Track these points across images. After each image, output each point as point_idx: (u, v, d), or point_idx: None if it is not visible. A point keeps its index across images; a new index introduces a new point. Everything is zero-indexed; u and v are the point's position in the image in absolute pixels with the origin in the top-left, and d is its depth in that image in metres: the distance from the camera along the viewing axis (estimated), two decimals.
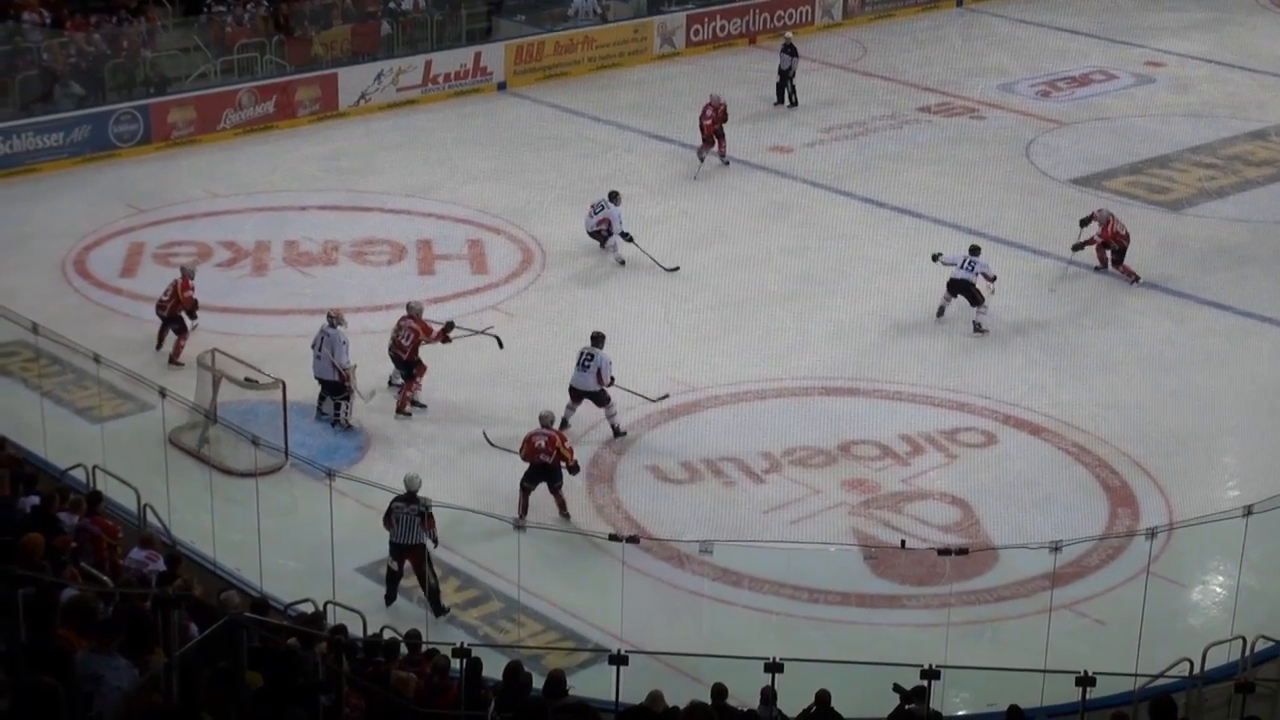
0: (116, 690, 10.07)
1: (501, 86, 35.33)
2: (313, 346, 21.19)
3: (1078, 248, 25.69)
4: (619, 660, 12.79)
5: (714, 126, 30.69)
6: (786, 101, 34.50)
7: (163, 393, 19.04)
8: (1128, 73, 37.29)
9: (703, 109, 30.82)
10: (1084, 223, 25.85)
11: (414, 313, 21.81)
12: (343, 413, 21.00)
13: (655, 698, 12.75)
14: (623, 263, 26.00)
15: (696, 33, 38.53)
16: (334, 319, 21.21)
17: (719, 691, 13.32)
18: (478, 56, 35.35)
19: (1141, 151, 31.95)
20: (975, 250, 24.53)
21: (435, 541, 17.29)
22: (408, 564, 17.31)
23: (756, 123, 33.43)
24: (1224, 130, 33.35)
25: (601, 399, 20.87)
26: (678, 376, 22.43)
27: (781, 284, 25.77)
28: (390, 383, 21.96)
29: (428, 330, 21.64)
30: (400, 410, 21.47)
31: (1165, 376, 23.00)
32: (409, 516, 17.23)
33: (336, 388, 21.00)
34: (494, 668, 13.88)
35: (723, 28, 38.99)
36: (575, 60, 36.58)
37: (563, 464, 18.97)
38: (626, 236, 26.06)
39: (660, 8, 38.89)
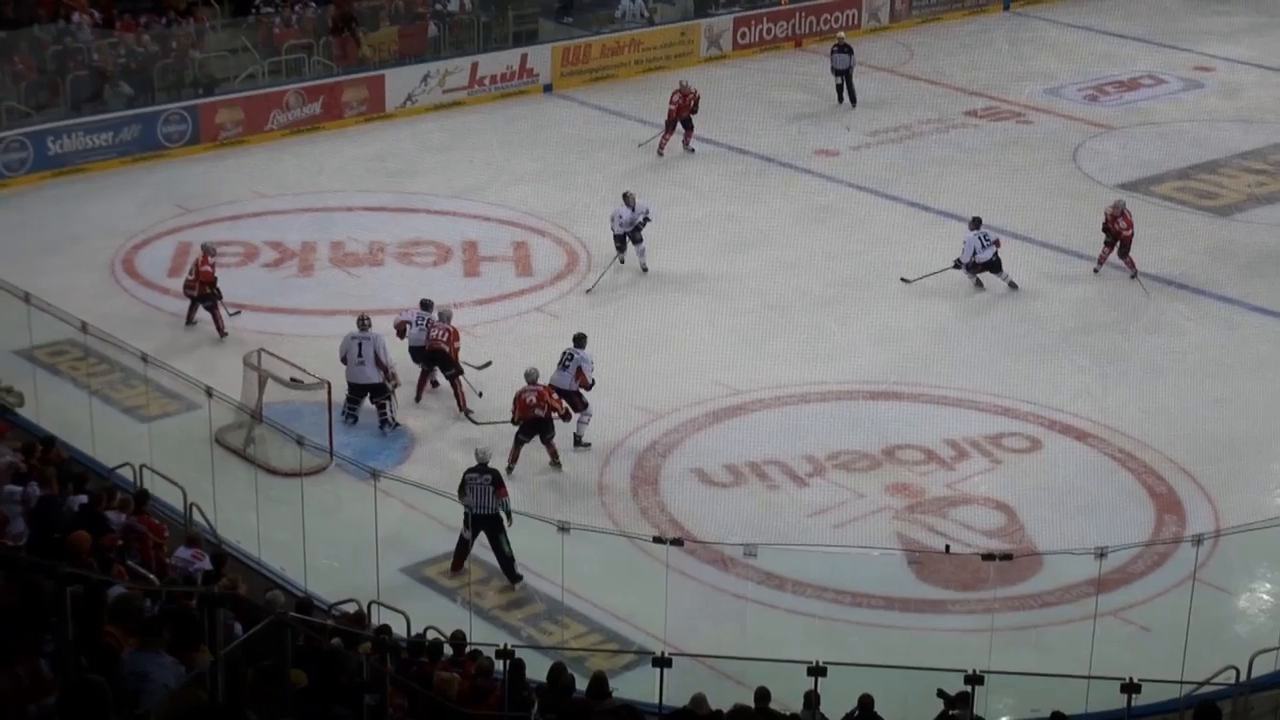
0: (163, 688, 10.12)
1: (548, 89, 35.38)
2: (345, 358, 21.08)
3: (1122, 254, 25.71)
4: (663, 662, 12.80)
5: (678, 113, 31.13)
6: (848, 101, 34.67)
7: (209, 392, 19.14)
8: (1176, 77, 37.10)
9: (671, 93, 31.43)
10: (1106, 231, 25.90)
11: (444, 317, 21.91)
12: (389, 413, 21.06)
13: (698, 700, 12.75)
14: (645, 269, 25.87)
15: (743, 36, 38.51)
16: (365, 322, 21.22)
17: (762, 695, 13.31)
18: (524, 58, 35.41)
19: (1190, 156, 31.79)
20: (978, 223, 25.36)
21: (508, 512, 17.83)
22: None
23: (802, 126, 33.41)
24: (1273, 135, 33.12)
25: (579, 403, 20.77)
26: (722, 380, 22.42)
27: (826, 287, 25.72)
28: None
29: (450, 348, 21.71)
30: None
31: (1212, 382, 22.87)
32: (482, 486, 17.75)
33: (379, 389, 21.04)
34: (537, 669, 13.91)
35: (769, 31, 38.95)
36: (621, 63, 36.61)
37: (554, 414, 19.96)
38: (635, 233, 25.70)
39: (707, 11, 38.89)
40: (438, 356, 21.72)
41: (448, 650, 14.34)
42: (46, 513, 14.48)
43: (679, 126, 31.41)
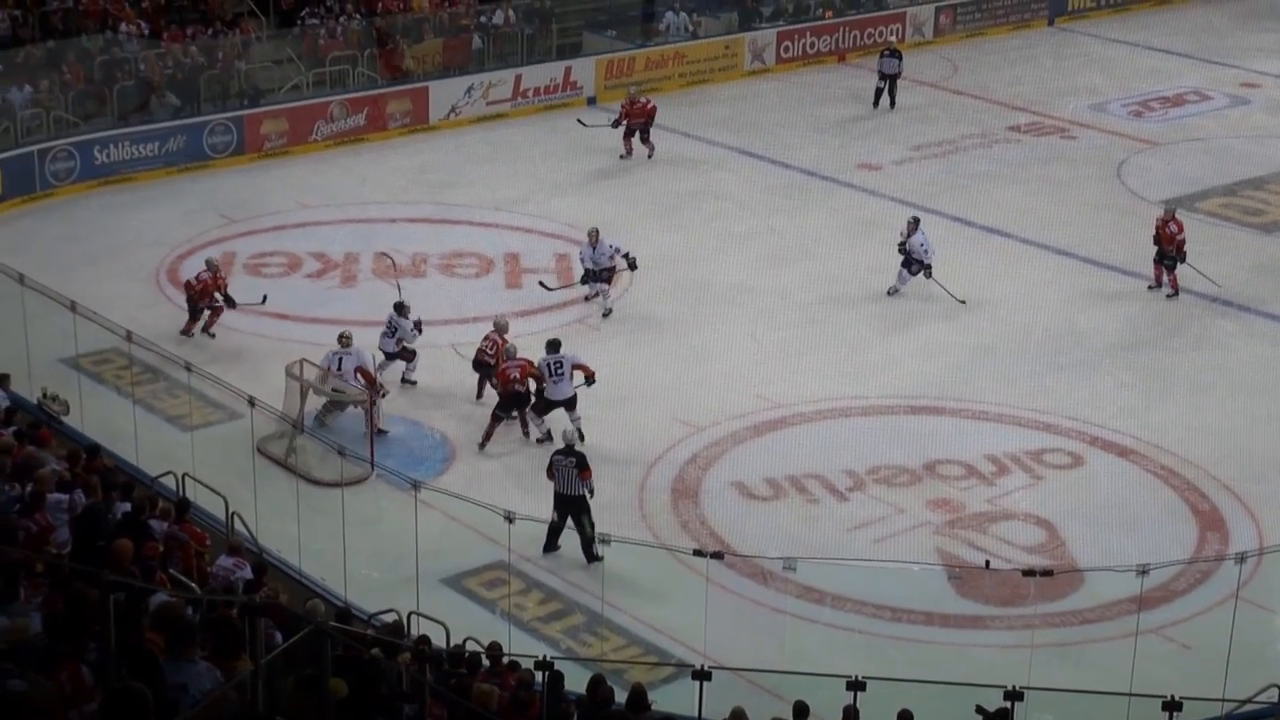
0: (199, 694, 10.18)
1: (591, 101, 35.44)
2: (325, 368, 21.22)
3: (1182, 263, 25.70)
4: (702, 676, 12.79)
5: (626, 116, 31.60)
6: (886, 105, 34.97)
7: (252, 402, 19.22)
8: (1222, 94, 36.94)
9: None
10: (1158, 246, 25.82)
11: (499, 329, 22.01)
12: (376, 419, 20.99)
13: (738, 714, 12.74)
14: (606, 314, 25.03)
15: (787, 49, 38.51)
16: (345, 338, 21.33)
17: (801, 709, 13.29)
18: (568, 71, 35.49)
19: (1236, 173, 31.64)
20: (918, 222, 25.70)
21: (592, 492, 18.49)
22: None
23: (845, 140, 33.39)
24: None
25: (573, 402, 21.02)
26: (764, 393, 22.41)
27: (868, 302, 25.69)
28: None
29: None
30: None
31: (1257, 400, 22.74)
32: (566, 468, 18.30)
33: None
34: (576, 681, 13.91)
35: (813, 45, 38.95)
36: (665, 76, 36.65)
37: (533, 386, 20.87)
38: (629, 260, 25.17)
39: (751, 24, 38.92)
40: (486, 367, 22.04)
41: (486, 662, 14.36)
42: (91, 520, 14.56)
43: (637, 133, 31.74)
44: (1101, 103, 36.04)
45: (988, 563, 18.09)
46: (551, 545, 18.48)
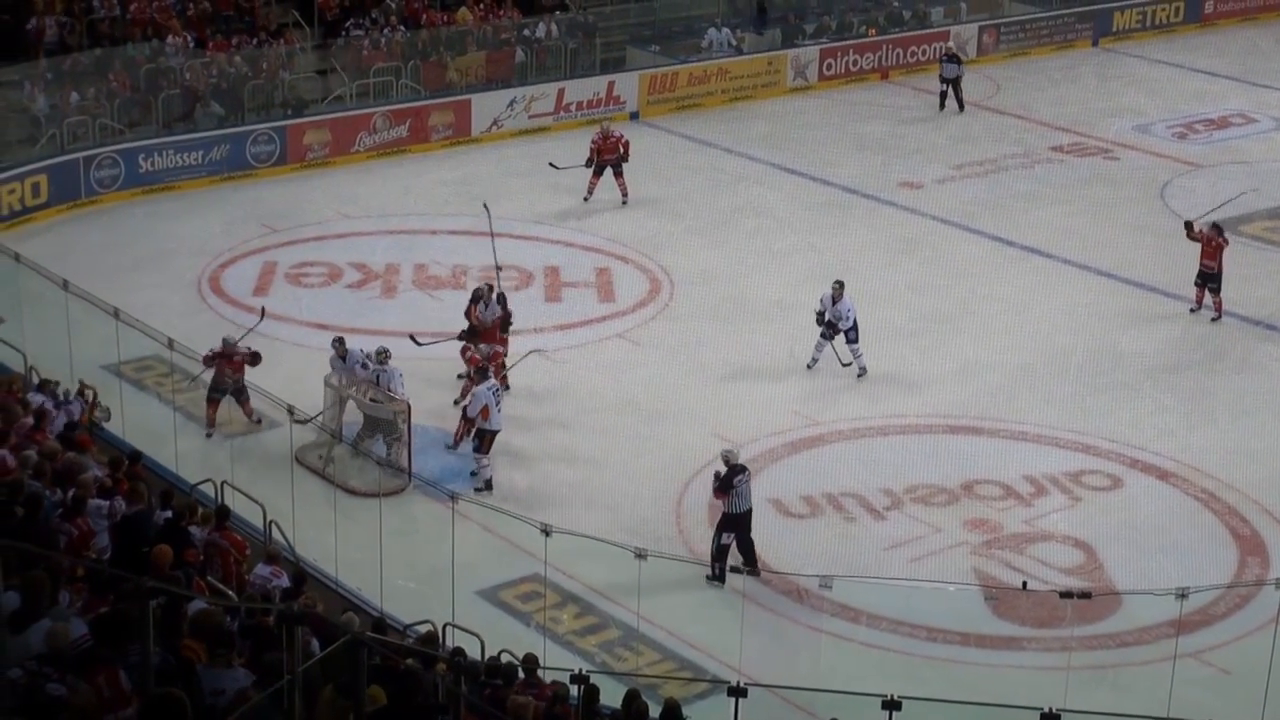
0: (235, 696, 10.22)
1: (634, 116, 35.48)
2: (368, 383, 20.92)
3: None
4: (738, 692, 12.74)
5: (598, 154, 30.09)
6: (954, 108, 35.80)
7: (290, 411, 19.28)
8: (1268, 116, 36.77)
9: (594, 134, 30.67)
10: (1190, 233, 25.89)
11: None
12: (393, 453, 20.38)
13: None
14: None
15: (829, 66, 38.49)
16: (382, 356, 21.11)
17: None
18: (611, 85, 35.54)
19: None
20: (843, 286, 23.62)
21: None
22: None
23: (887, 157, 33.35)
24: None
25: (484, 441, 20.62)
26: (801, 410, 22.38)
27: (907, 320, 25.63)
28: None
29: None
30: None
31: None
32: (745, 484, 18.43)
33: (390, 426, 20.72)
34: (611, 696, 13.89)
35: (855, 62, 38.91)
36: (708, 91, 36.66)
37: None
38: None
39: (794, 41, 38.92)
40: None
41: (520, 674, 14.36)
42: (134, 527, 14.62)
43: (607, 171, 30.10)
44: (1145, 124, 35.92)
45: (1025, 584, 18.01)
46: (755, 563, 18.24)
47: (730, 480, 18.33)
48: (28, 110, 30.20)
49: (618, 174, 30.30)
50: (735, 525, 18.36)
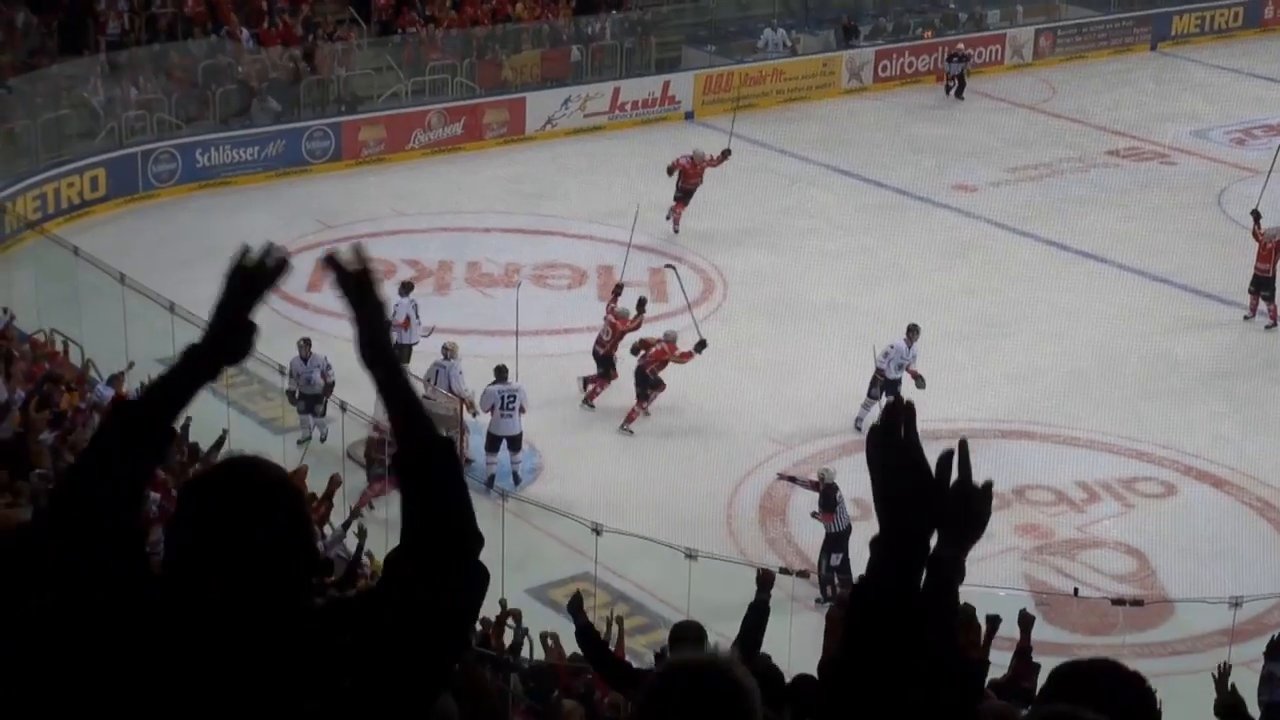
0: None
1: (689, 116, 35.48)
2: (426, 380, 20.85)
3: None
4: (791, 694, 12.72)
5: (687, 181, 28.73)
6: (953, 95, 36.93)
7: (343, 407, 19.37)
8: None
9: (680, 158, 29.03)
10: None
11: (620, 314, 22.14)
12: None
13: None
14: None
15: (884, 68, 38.41)
16: (448, 352, 21.27)
17: None
18: (666, 85, 35.55)
19: None
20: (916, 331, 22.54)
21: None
22: None
23: (941, 160, 33.26)
24: None
25: (518, 441, 20.69)
26: (852, 413, 22.32)
27: (960, 324, 25.53)
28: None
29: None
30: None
31: None
32: (843, 503, 18.45)
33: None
34: None
35: (910, 64, 38.82)
36: (763, 92, 36.63)
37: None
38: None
39: (850, 42, 38.84)
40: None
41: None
42: None
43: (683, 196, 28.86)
44: (1203, 129, 35.70)
45: (1076, 590, 17.94)
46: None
47: (832, 498, 18.32)
48: (87, 105, 30.40)
49: (684, 201, 28.99)
50: (842, 544, 18.33)
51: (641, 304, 23.08)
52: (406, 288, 22.80)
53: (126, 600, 3.06)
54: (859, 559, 18.07)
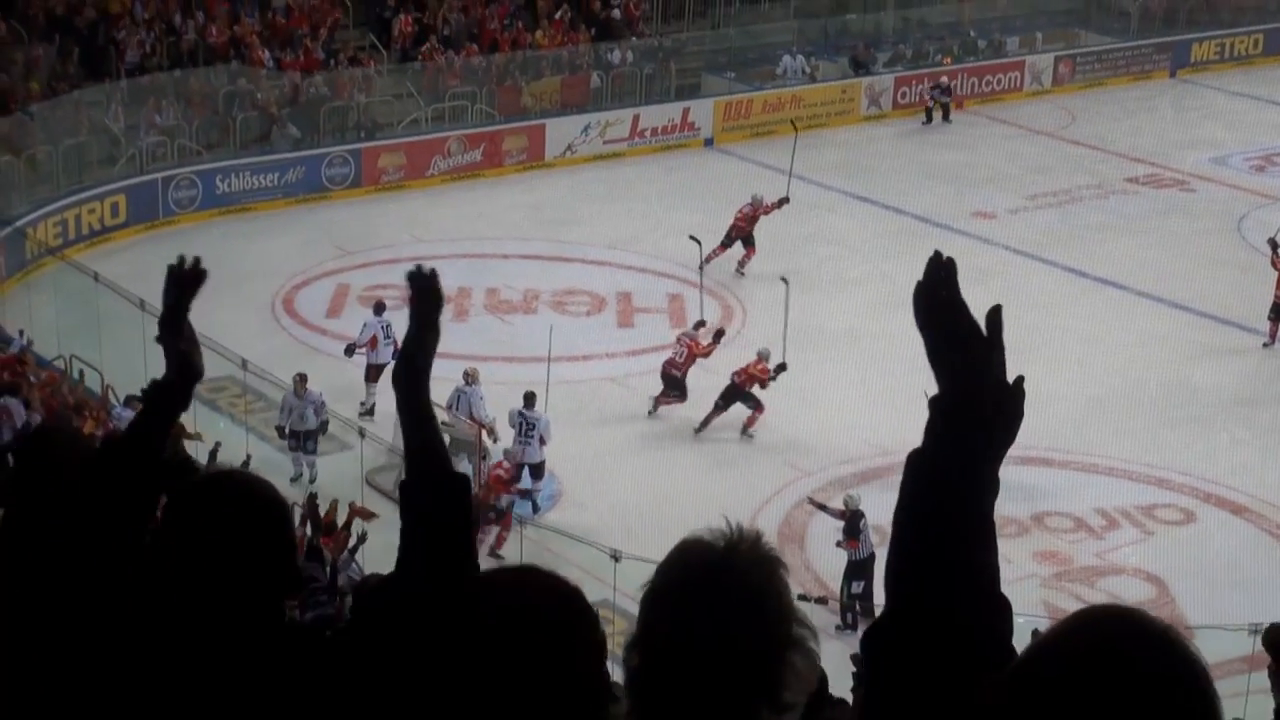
0: None
1: (709, 142, 35.53)
2: (448, 406, 20.74)
3: None
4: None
5: (743, 228, 28.45)
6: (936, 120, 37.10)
7: (362, 433, 19.43)
8: None
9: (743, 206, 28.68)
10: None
11: (693, 337, 22.95)
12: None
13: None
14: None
15: (904, 95, 38.44)
16: (470, 377, 21.27)
17: None
18: (685, 112, 35.62)
19: None
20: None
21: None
22: None
23: (959, 186, 33.26)
24: None
25: (540, 470, 20.64)
26: (871, 439, 22.31)
27: None
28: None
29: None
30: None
31: None
32: (867, 528, 18.45)
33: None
34: None
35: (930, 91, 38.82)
36: (783, 119, 36.62)
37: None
38: None
39: (859, 73, 38.86)
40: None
41: None
42: None
43: (739, 243, 28.47)
44: (1222, 156, 35.66)
45: None
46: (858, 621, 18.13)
47: (857, 525, 18.32)
48: (108, 131, 30.53)
49: (749, 245, 28.61)
50: (864, 571, 18.29)
51: (718, 335, 23.42)
52: (380, 308, 22.82)
53: (105, 606, 3.12)
54: (881, 586, 18.12)
